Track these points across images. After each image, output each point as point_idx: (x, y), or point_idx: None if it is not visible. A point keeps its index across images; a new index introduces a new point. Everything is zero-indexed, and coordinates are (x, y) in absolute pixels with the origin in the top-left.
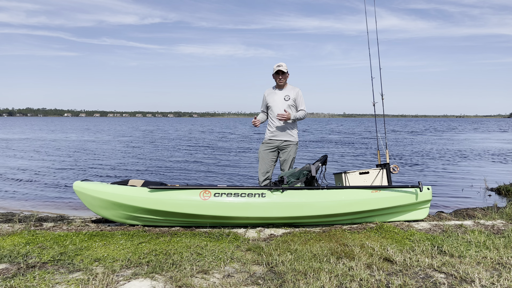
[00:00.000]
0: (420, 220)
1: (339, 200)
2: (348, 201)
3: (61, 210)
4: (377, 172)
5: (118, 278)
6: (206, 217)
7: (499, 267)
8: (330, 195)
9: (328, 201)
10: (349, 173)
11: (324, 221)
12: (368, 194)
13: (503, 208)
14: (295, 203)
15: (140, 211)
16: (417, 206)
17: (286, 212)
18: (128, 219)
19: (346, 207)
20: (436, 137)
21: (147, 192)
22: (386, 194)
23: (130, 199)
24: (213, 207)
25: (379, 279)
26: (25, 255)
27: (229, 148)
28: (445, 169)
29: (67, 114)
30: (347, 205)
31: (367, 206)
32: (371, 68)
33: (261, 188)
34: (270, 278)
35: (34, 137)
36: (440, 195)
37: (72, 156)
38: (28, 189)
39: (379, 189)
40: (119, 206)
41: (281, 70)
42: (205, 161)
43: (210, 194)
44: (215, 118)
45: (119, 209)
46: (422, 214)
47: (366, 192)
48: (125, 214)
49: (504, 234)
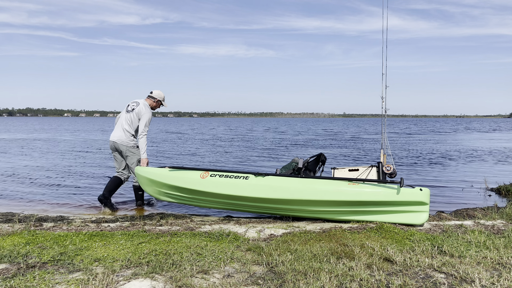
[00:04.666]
0: (417, 225)
1: (313, 187)
2: (321, 189)
3: (61, 210)
4: (367, 170)
5: (118, 278)
6: (203, 193)
7: (499, 267)
8: (305, 182)
9: (302, 187)
10: (338, 169)
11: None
12: (344, 185)
13: (503, 208)
14: (271, 185)
15: (164, 186)
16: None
17: (262, 193)
18: (160, 195)
19: (319, 194)
20: (435, 137)
21: (167, 171)
22: (363, 188)
23: (157, 176)
24: (206, 184)
25: (379, 279)
26: (25, 255)
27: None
28: (445, 169)
29: (67, 114)
30: (320, 193)
31: (342, 196)
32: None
33: (247, 173)
34: (270, 278)
35: (34, 137)
36: (440, 195)
37: (85, 157)
38: (28, 189)
39: (356, 182)
40: (152, 182)
41: None
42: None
43: (208, 174)
44: (215, 118)
45: (153, 185)
46: (419, 219)
47: (343, 183)
48: (157, 190)
49: (504, 234)
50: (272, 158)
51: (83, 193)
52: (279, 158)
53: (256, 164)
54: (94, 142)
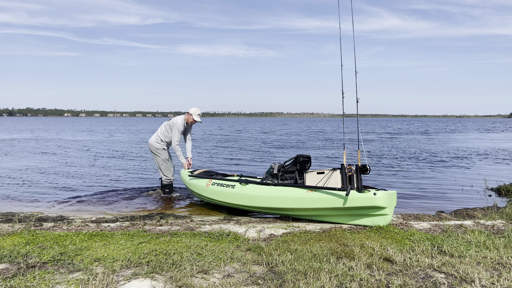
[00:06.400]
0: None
1: (277, 196)
2: (285, 197)
3: (61, 210)
4: (330, 173)
5: (118, 278)
6: (206, 198)
7: (499, 267)
8: (274, 191)
9: (270, 196)
10: (309, 172)
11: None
12: (303, 193)
13: (503, 208)
14: (248, 195)
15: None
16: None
17: (242, 201)
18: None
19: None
20: (435, 138)
21: (188, 176)
22: (316, 195)
23: (185, 180)
24: (209, 191)
25: (379, 279)
26: (25, 255)
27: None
28: (445, 169)
29: (67, 114)
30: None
31: (301, 204)
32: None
33: (236, 181)
34: (270, 278)
35: (33, 137)
36: (440, 195)
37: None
38: (28, 189)
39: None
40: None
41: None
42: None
43: (210, 183)
44: (215, 118)
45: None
46: (380, 222)
47: (302, 191)
48: (189, 189)
49: (504, 234)
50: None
51: (83, 193)
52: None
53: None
54: (95, 142)
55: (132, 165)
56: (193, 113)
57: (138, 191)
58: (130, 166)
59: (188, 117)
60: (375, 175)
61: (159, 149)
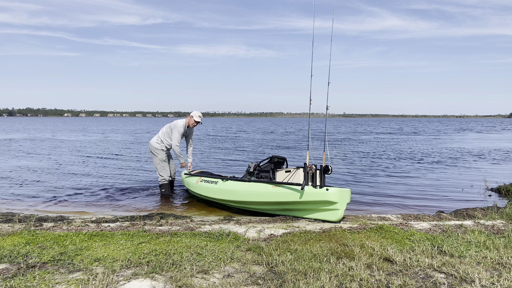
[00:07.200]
0: (333, 221)
1: (248, 191)
2: (254, 192)
3: (61, 210)
4: (295, 171)
5: (118, 278)
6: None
7: (499, 267)
8: (246, 186)
9: (243, 190)
10: (279, 170)
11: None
12: (269, 188)
13: (503, 208)
14: (226, 190)
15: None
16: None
17: (221, 196)
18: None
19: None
20: (434, 138)
21: (184, 175)
22: (280, 190)
23: (182, 178)
24: (198, 187)
25: (379, 279)
26: (25, 255)
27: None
28: (445, 170)
29: (67, 114)
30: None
31: (267, 198)
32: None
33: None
34: (270, 278)
35: (34, 137)
36: (440, 195)
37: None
38: (28, 189)
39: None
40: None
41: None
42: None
43: (200, 179)
44: (215, 118)
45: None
46: (333, 216)
47: (268, 186)
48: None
49: (504, 234)
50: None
51: (83, 193)
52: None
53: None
54: (94, 142)
55: (132, 165)
56: (194, 115)
57: (138, 191)
58: (130, 166)
59: (189, 120)
60: (375, 175)
61: (158, 150)
